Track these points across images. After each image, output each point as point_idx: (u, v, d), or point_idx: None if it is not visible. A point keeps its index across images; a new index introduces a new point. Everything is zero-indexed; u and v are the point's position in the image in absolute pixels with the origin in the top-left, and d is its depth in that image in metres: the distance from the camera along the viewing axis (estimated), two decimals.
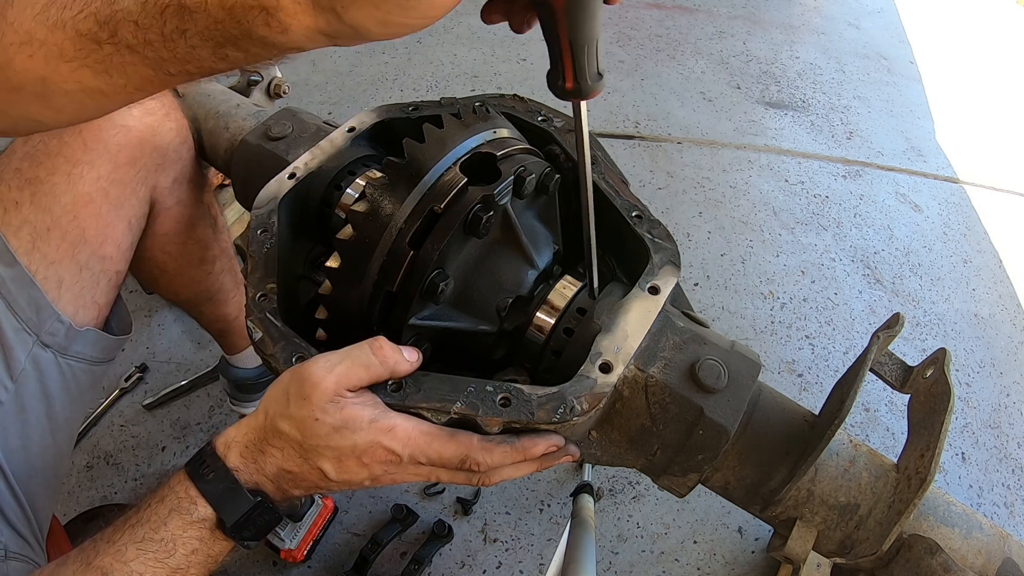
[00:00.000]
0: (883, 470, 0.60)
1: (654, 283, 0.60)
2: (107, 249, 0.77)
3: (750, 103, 2.23)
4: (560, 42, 0.40)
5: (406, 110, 0.76)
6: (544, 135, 0.72)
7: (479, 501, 1.22)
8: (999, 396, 1.54)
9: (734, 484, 0.62)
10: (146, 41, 0.40)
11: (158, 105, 0.81)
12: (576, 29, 0.39)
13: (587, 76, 0.42)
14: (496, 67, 2.23)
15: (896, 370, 0.64)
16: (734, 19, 2.64)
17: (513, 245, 0.62)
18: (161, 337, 1.43)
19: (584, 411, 0.52)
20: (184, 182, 0.87)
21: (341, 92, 2.08)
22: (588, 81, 0.42)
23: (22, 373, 0.71)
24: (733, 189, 1.91)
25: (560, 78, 0.42)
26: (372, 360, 0.51)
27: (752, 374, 0.58)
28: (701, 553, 1.20)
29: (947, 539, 0.60)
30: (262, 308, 0.60)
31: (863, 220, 1.89)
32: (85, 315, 0.76)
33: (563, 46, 0.40)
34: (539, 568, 1.16)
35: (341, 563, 1.14)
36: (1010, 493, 1.37)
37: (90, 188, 0.75)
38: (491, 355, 0.65)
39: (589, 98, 0.44)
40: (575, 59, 0.41)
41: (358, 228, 0.56)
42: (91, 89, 0.45)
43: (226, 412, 1.32)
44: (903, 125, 2.27)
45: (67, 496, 1.20)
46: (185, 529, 0.52)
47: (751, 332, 1.57)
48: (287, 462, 0.52)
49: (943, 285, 1.76)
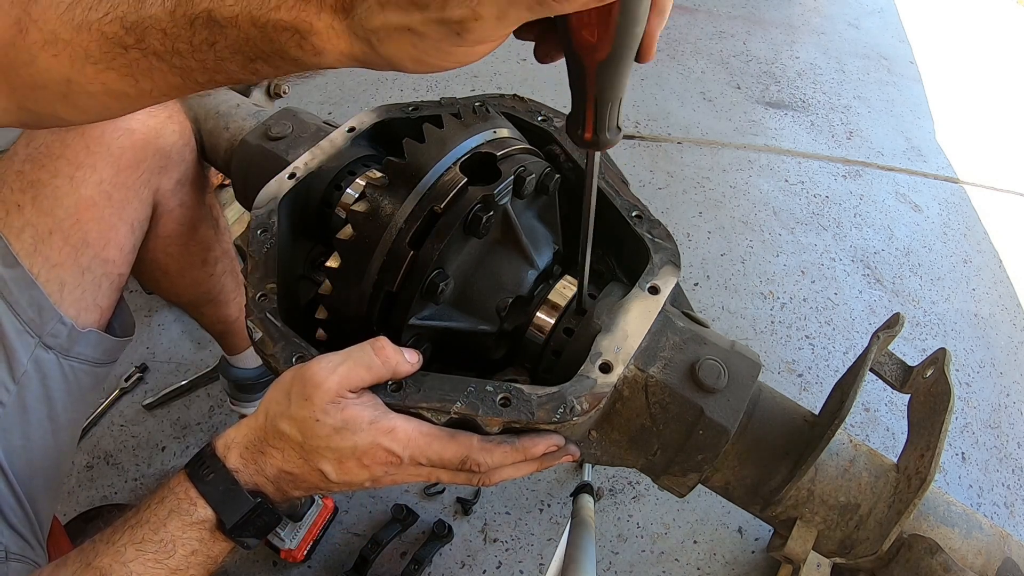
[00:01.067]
0: (883, 470, 0.60)
1: (654, 283, 0.60)
2: (109, 252, 0.77)
3: (750, 103, 2.23)
4: (586, 97, 0.41)
5: (406, 110, 0.76)
6: (544, 135, 0.72)
7: (479, 501, 1.22)
8: (999, 396, 1.54)
9: (734, 484, 0.62)
10: (174, 50, 0.40)
11: (161, 107, 0.81)
12: (604, 88, 0.40)
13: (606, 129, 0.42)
14: (496, 67, 2.23)
15: (896, 370, 0.64)
16: (734, 19, 2.64)
17: (513, 245, 0.62)
18: (161, 337, 1.43)
19: (584, 411, 0.52)
20: (187, 184, 0.87)
21: (341, 92, 2.08)
22: (607, 134, 0.43)
23: (24, 375, 0.71)
24: (733, 189, 1.91)
25: (580, 127, 0.43)
26: (374, 361, 0.51)
27: (752, 374, 0.58)
28: (701, 553, 1.20)
29: (947, 539, 0.60)
30: (262, 308, 0.60)
31: (863, 220, 1.89)
32: (87, 317, 0.76)
33: (588, 101, 0.41)
34: (539, 568, 1.16)
35: (341, 563, 1.14)
36: (1010, 493, 1.37)
37: (93, 191, 0.75)
38: (491, 355, 0.65)
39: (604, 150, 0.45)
40: (597, 114, 0.41)
41: (358, 228, 0.57)
42: (116, 92, 0.44)
43: (226, 412, 1.32)
44: (903, 125, 2.27)
45: (67, 496, 1.20)
46: (185, 530, 0.52)
47: (751, 332, 1.57)
48: (287, 463, 0.52)
49: (943, 285, 1.76)
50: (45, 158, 0.73)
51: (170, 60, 0.40)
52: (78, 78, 0.43)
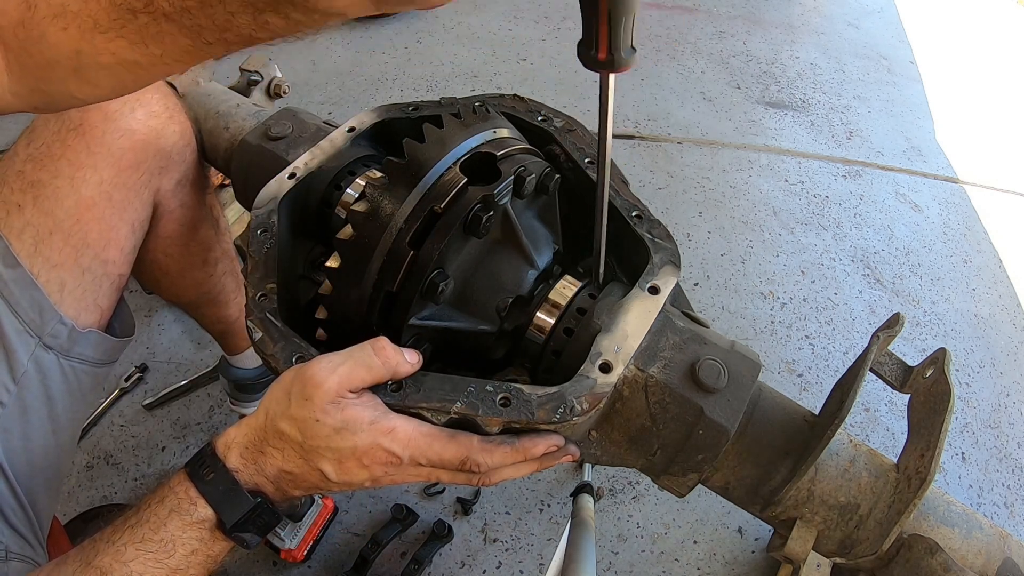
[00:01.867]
0: (883, 470, 0.60)
1: (654, 283, 0.60)
2: (110, 252, 0.77)
3: (750, 103, 2.23)
4: (599, 12, 0.39)
5: (406, 110, 0.76)
6: (544, 135, 0.72)
7: (479, 501, 1.22)
8: (999, 396, 1.54)
9: (734, 484, 0.62)
10: (183, 8, 0.39)
11: (162, 108, 0.80)
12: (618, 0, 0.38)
13: (621, 48, 0.41)
14: (496, 67, 2.23)
15: (896, 370, 0.64)
16: (734, 19, 2.64)
17: (513, 245, 0.62)
18: (161, 337, 1.43)
19: (584, 411, 0.52)
20: (187, 184, 0.87)
21: (341, 92, 2.08)
22: (622, 53, 0.41)
23: (24, 375, 0.71)
24: (733, 189, 1.91)
25: (593, 48, 0.41)
26: (374, 361, 0.51)
27: (752, 374, 0.58)
28: (701, 553, 1.20)
29: (947, 539, 0.60)
30: (262, 308, 0.60)
31: (863, 220, 1.89)
32: (87, 318, 0.76)
33: (601, 16, 0.39)
34: (539, 568, 1.16)
35: (341, 563, 1.14)
36: (1010, 493, 1.37)
37: (93, 192, 0.75)
38: (491, 355, 0.65)
39: (620, 71, 0.43)
40: (612, 31, 0.40)
41: (358, 228, 0.57)
42: (128, 61, 0.44)
43: (226, 412, 1.32)
44: (903, 125, 2.27)
45: (67, 496, 1.20)
46: (184, 530, 0.52)
47: (751, 332, 1.57)
48: (287, 463, 0.52)
49: (943, 285, 1.76)
50: (46, 158, 0.73)
51: (180, 20, 0.39)
52: (88, 49, 0.43)
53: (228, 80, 1.21)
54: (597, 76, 0.46)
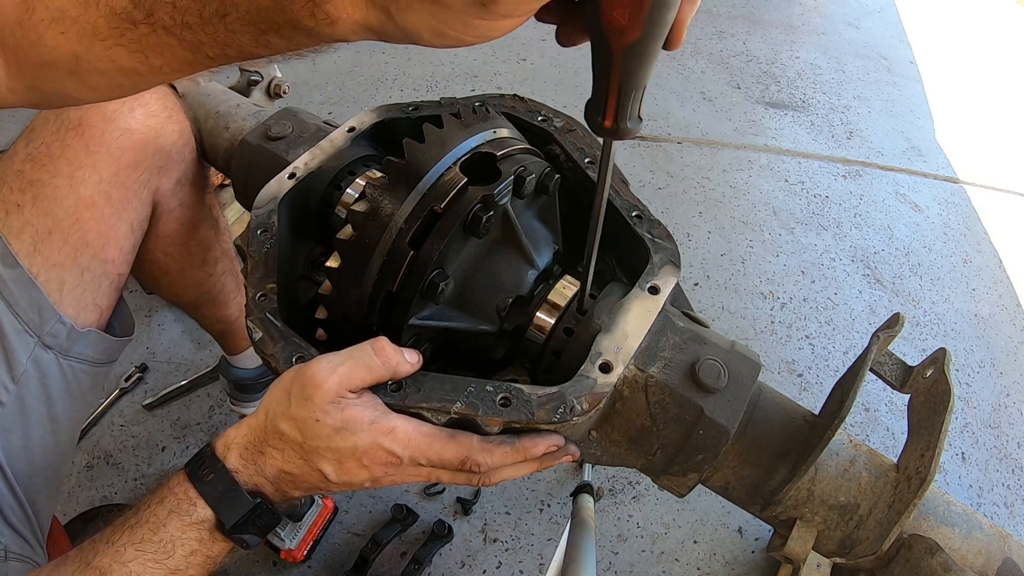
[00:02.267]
0: (883, 470, 0.60)
1: (654, 283, 0.60)
2: (109, 252, 0.77)
3: (750, 103, 2.23)
4: (610, 83, 0.39)
5: (406, 110, 0.76)
6: (544, 135, 0.72)
7: (479, 501, 1.22)
8: (999, 396, 1.54)
9: (734, 484, 0.62)
10: (184, 23, 0.38)
11: (161, 107, 0.81)
12: (630, 74, 0.38)
13: (628, 118, 0.41)
14: (496, 67, 2.23)
15: (896, 370, 0.64)
16: (734, 19, 2.64)
17: (513, 245, 0.62)
18: (161, 337, 1.43)
19: (584, 411, 0.52)
20: (186, 184, 0.87)
21: (341, 92, 2.08)
22: (628, 123, 0.41)
23: (24, 374, 0.71)
24: (733, 189, 1.91)
25: (600, 115, 0.41)
26: (374, 361, 0.51)
27: (752, 374, 0.58)
28: (701, 553, 1.20)
29: (947, 539, 0.60)
30: (262, 308, 0.60)
31: (863, 220, 1.89)
32: (87, 317, 0.76)
33: (611, 88, 0.39)
34: (539, 568, 1.16)
35: (341, 563, 1.14)
36: (1010, 493, 1.37)
37: (92, 191, 0.75)
38: (491, 355, 0.65)
39: (624, 139, 0.44)
40: (620, 102, 0.40)
41: (358, 228, 0.56)
42: (126, 69, 0.43)
43: (226, 412, 1.32)
44: (903, 125, 2.27)
45: (67, 496, 1.20)
46: (184, 530, 0.52)
47: (751, 332, 1.57)
48: (287, 463, 0.52)
49: (943, 285, 1.76)
50: (45, 158, 0.73)
51: (180, 34, 0.39)
52: (86, 55, 0.42)
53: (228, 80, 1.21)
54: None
